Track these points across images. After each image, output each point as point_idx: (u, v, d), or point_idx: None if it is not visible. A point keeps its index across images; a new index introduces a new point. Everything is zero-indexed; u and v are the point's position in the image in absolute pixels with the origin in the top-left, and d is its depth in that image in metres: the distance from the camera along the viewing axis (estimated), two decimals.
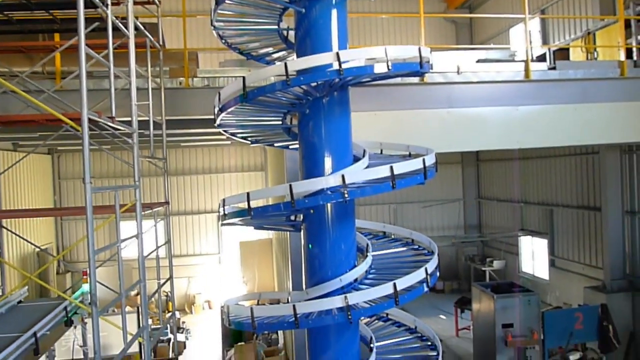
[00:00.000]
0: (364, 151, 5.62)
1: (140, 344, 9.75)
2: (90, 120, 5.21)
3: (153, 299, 17.54)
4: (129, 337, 6.12)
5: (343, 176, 4.69)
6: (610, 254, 13.26)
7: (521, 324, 11.17)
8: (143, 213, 6.56)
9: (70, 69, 7.78)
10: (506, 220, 19.76)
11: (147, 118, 8.11)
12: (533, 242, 17.83)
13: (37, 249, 16.44)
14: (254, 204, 5.10)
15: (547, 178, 16.88)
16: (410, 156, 5.93)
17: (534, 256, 17.87)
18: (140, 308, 8.75)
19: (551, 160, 16.53)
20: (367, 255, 5.87)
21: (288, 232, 9.37)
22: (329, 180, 4.86)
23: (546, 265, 16.89)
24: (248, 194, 4.98)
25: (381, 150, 6.62)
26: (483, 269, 18.83)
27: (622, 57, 9.05)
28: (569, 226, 15.78)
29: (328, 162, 5.51)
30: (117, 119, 6.21)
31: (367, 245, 6.08)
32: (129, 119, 6.90)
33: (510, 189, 19.33)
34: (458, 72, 8.30)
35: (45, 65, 7.70)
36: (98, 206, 7.73)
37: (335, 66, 4.71)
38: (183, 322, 18.00)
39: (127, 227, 7.84)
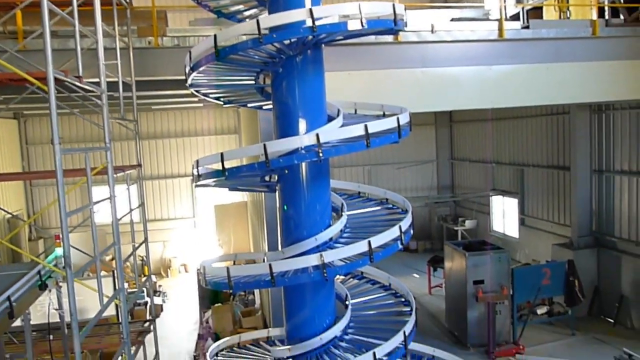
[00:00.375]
0: (338, 111, 5.59)
1: (116, 306, 9.77)
2: (56, 80, 5.04)
3: (128, 263, 17.53)
4: (105, 300, 6.12)
5: (317, 135, 4.68)
6: (578, 212, 13.68)
7: (491, 280, 11.53)
8: (115, 176, 6.46)
9: (33, 28, 7.45)
10: (478, 181, 20.13)
11: (116, 79, 7.89)
12: (504, 202, 18.25)
13: (8, 216, 16.10)
14: (228, 164, 5.07)
15: (519, 139, 17.16)
16: (384, 116, 5.93)
17: (504, 215, 18.32)
18: (115, 271, 8.73)
19: (523, 121, 16.76)
20: (342, 215, 5.92)
21: (263, 194, 9.39)
22: (303, 139, 4.84)
23: (516, 224, 17.35)
24: (222, 154, 4.93)
25: (355, 110, 6.59)
26: (455, 228, 19.26)
27: (594, 16, 9.12)
28: (539, 186, 16.17)
29: (302, 122, 5.48)
30: (85, 79, 6.02)
31: (342, 204, 6.13)
32: (97, 79, 6.70)
33: (482, 150, 19.62)
34: (432, 31, 8.25)
35: (6, 24, 7.35)
36: (68, 170, 7.57)
37: (309, 23, 4.63)
38: (159, 286, 18.06)
39: (100, 192, 7.72)
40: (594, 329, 12.40)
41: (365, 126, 4.76)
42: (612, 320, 12.65)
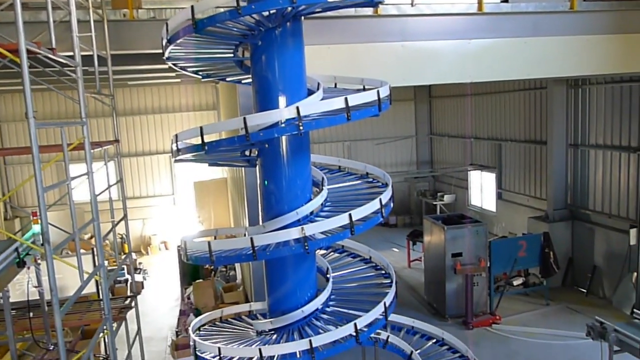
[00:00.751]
0: (318, 84, 5.57)
1: (97, 284, 9.72)
2: (29, 52, 4.89)
3: (108, 241, 17.40)
4: (85, 277, 6.08)
5: (298, 108, 4.66)
6: (554, 186, 13.96)
7: (469, 253, 11.76)
8: (92, 151, 6.35)
9: None
10: (457, 156, 20.34)
11: (90, 53, 7.70)
12: (482, 176, 18.50)
13: None
14: (207, 139, 5.03)
15: (497, 114, 17.32)
16: (364, 89, 5.92)
17: (482, 190, 18.59)
18: (95, 249, 8.65)
19: (501, 96, 16.90)
20: (322, 189, 5.94)
21: (243, 170, 9.35)
22: (284, 112, 4.83)
23: (494, 198, 17.64)
24: (201, 128, 4.89)
25: (335, 85, 6.57)
26: (434, 203, 19.51)
27: None
28: (516, 160, 16.41)
29: (282, 96, 5.44)
30: (58, 53, 5.86)
31: (323, 179, 6.15)
32: (71, 53, 6.52)
33: (461, 125, 19.78)
34: (412, 4, 8.20)
35: None
36: (44, 146, 7.41)
37: None
38: (140, 263, 18.00)
39: (77, 170, 7.58)
40: (567, 298, 12.78)
41: (346, 99, 4.75)
42: (584, 290, 13.04)
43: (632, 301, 11.43)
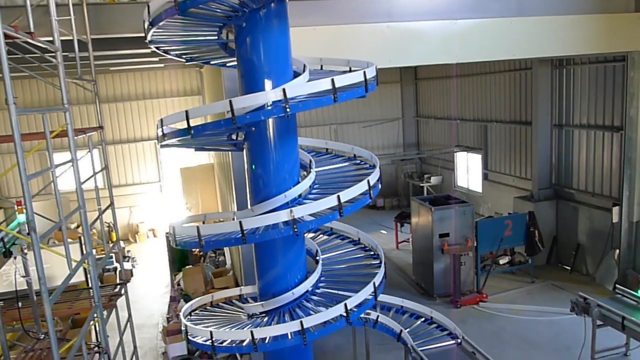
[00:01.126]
0: (305, 66, 5.53)
1: (85, 272, 9.66)
2: (6, 36, 4.78)
3: (95, 229, 17.26)
4: (73, 265, 6.03)
5: (284, 90, 4.63)
6: (538, 166, 14.10)
7: (456, 233, 11.87)
8: (76, 138, 6.26)
9: None
10: (443, 138, 20.43)
11: (70, 38, 7.55)
12: (468, 158, 18.62)
13: None
14: (193, 123, 4.99)
15: (483, 95, 17.38)
16: (350, 71, 5.90)
17: (468, 171, 18.73)
18: (82, 237, 8.58)
19: (486, 77, 16.95)
20: (310, 171, 5.94)
21: (230, 155, 9.30)
22: (270, 94, 4.79)
23: (480, 179, 17.78)
24: (187, 111, 4.84)
25: (321, 66, 6.54)
26: (421, 185, 19.62)
27: None
28: (501, 141, 16.52)
29: (268, 78, 5.40)
30: (37, 37, 5.73)
31: (311, 161, 6.14)
32: (51, 38, 6.39)
33: (447, 107, 19.84)
34: None
35: None
36: (26, 134, 7.30)
37: None
38: (128, 251, 17.91)
39: (61, 158, 7.47)
40: (552, 276, 12.99)
41: (332, 80, 4.73)
42: (568, 268, 13.27)
43: (614, 277, 11.65)
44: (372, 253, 6.95)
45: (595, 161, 12.66)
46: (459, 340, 7.62)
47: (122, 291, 8.61)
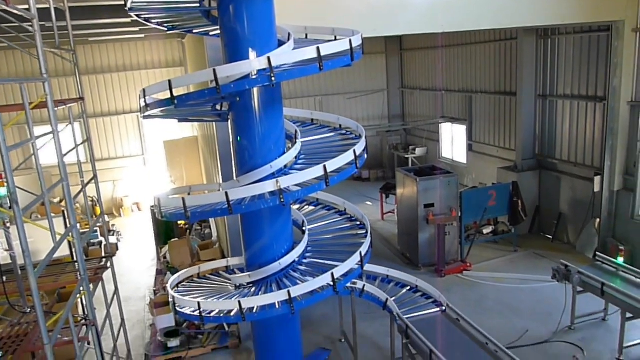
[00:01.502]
0: (289, 34, 5.44)
1: (70, 246, 9.59)
2: None
3: (78, 204, 17.11)
4: (58, 238, 5.97)
5: (269, 58, 4.56)
6: (522, 136, 14.20)
7: (441, 204, 11.98)
8: (56, 109, 6.12)
9: None
10: (428, 109, 20.42)
11: (47, 5, 7.32)
12: (453, 129, 18.68)
13: None
14: (176, 93, 4.90)
15: (468, 66, 17.33)
16: (336, 40, 5.82)
17: (453, 142, 18.80)
18: (66, 211, 8.48)
19: (472, 48, 16.88)
20: (296, 142, 5.92)
21: (215, 127, 9.21)
22: (254, 63, 4.72)
23: (464, 150, 17.88)
24: (170, 81, 4.75)
25: (306, 35, 6.44)
26: (406, 156, 19.68)
27: None
28: (486, 112, 16.57)
29: (252, 47, 5.31)
30: (13, 4, 5.53)
31: (296, 132, 6.11)
32: (27, 6, 6.18)
33: (432, 78, 19.78)
34: None
35: None
36: (4, 105, 7.13)
37: None
38: (113, 225, 17.81)
39: (41, 131, 7.31)
40: (534, 245, 13.24)
41: (318, 48, 4.67)
42: (550, 237, 13.51)
43: (594, 245, 11.91)
44: (358, 223, 7.00)
45: (578, 131, 12.78)
46: (444, 308, 7.78)
47: (108, 264, 8.58)
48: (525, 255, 12.73)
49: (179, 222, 14.64)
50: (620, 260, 9.52)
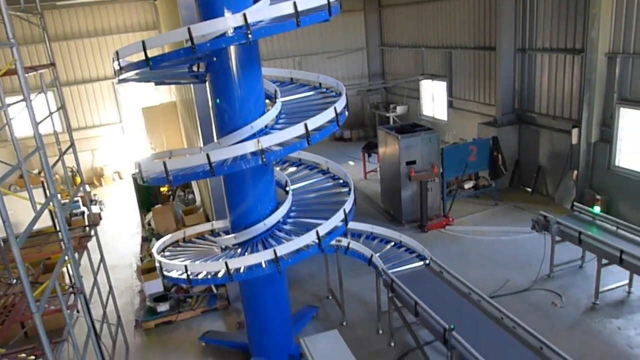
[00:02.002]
0: None
1: (52, 216, 9.51)
2: None
3: (58, 175, 16.84)
4: (38, 208, 5.90)
5: (245, 15, 4.45)
6: (502, 91, 14.24)
7: (423, 160, 12.07)
8: (27, 75, 5.93)
9: None
10: (408, 66, 20.29)
11: None
12: (433, 86, 18.64)
13: None
14: (151, 54, 4.79)
15: (447, 21, 17.16)
16: None
17: (433, 99, 18.80)
18: (45, 181, 8.34)
19: (451, 3, 16.68)
20: (276, 102, 5.86)
21: (192, 90, 9.05)
22: (230, 20, 4.61)
23: (445, 106, 17.90)
24: (143, 42, 4.63)
25: None
26: (387, 115, 19.65)
27: None
28: (466, 67, 16.53)
29: (227, 5, 5.17)
30: None
31: (276, 91, 6.05)
32: None
33: (411, 35, 19.57)
34: None
35: None
36: None
37: None
38: (94, 195, 17.64)
39: (13, 100, 7.10)
40: (514, 198, 13.49)
41: (294, 3, 4.57)
42: (530, 190, 13.77)
43: (572, 196, 12.17)
44: (341, 181, 7.04)
45: (557, 85, 12.85)
46: (427, 262, 7.95)
47: (92, 233, 8.53)
48: (506, 208, 12.97)
49: (162, 189, 14.55)
50: (597, 209, 9.77)
